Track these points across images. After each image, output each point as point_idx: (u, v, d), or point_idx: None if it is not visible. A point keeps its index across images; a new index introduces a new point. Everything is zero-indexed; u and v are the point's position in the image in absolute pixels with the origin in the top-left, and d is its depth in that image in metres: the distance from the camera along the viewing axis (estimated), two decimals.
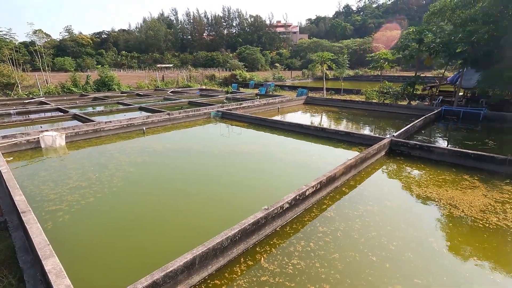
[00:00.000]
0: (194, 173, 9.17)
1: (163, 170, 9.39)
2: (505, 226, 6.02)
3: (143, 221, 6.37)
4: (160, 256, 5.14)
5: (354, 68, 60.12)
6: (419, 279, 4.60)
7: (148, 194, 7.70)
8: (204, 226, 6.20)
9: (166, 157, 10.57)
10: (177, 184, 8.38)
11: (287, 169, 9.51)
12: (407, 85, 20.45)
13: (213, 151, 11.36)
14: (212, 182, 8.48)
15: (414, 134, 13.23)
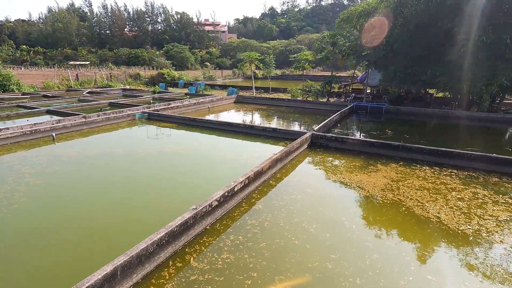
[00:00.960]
0: (117, 179, 8.51)
1: (79, 179, 8.45)
2: (398, 200, 7.27)
3: (54, 238, 5.66)
4: (77, 272, 4.66)
5: (281, 68, 63.53)
6: (334, 254, 5.24)
7: (60, 207, 6.85)
8: (129, 234, 5.85)
9: (82, 165, 9.53)
10: (96, 193, 7.66)
11: (217, 167, 9.60)
12: (325, 84, 22.69)
13: (140, 154, 10.71)
14: (139, 186, 8.01)
15: (332, 128, 14.79)
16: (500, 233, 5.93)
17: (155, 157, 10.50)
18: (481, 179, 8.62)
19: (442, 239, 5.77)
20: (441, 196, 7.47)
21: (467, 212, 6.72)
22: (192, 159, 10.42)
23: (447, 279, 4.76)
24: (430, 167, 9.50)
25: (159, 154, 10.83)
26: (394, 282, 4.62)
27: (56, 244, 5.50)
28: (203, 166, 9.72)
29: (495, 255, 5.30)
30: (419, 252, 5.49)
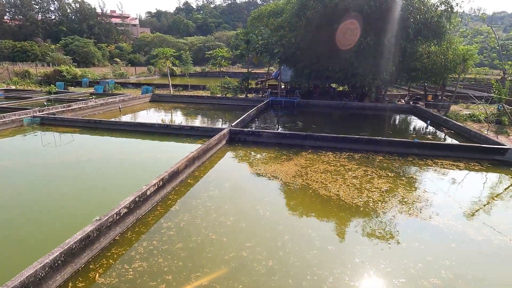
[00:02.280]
0: (6, 200, 7.06)
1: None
2: (306, 184, 8.07)
3: None
4: None
5: (200, 65, 62.41)
6: (249, 242, 5.50)
7: None
8: (17, 258, 4.94)
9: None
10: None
11: (129, 172, 8.92)
12: (242, 81, 23.35)
13: (34, 166, 9.10)
14: (33, 203, 6.81)
15: (249, 123, 15.36)
16: (382, 201, 7.20)
17: (54, 168, 9.08)
18: (370, 159, 10.26)
19: (340, 213, 6.68)
20: (340, 177, 8.60)
21: (359, 187, 7.92)
22: (100, 165, 9.39)
23: (344, 246, 5.54)
24: (333, 152, 10.81)
25: (60, 164, 9.43)
26: (301, 257, 5.14)
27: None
28: (113, 173, 8.89)
29: (381, 220, 6.42)
30: (322, 227, 6.23)
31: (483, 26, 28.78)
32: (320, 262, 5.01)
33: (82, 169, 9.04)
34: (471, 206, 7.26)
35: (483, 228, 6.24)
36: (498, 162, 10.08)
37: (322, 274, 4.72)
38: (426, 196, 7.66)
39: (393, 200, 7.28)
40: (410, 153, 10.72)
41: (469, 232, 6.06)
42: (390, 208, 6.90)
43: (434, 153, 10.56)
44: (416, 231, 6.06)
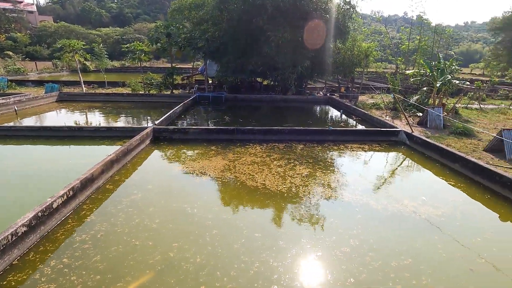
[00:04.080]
0: None
1: None
2: (234, 177, 8.25)
3: None
4: None
5: (119, 59, 56.96)
6: (177, 242, 5.37)
7: None
8: None
9: None
10: None
11: (31, 184, 7.69)
12: (166, 76, 22.25)
13: None
14: None
15: (176, 120, 14.80)
16: (303, 185, 7.86)
17: None
18: (293, 148, 11.04)
19: (266, 200, 7.04)
20: (266, 167, 9.04)
21: (283, 175, 8.47)
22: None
23: (269, 232, 5.87)
24: (259, 144, 11.26)
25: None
26: (229, 248, 5.27)
27: None
28: (11, 187, 7.53)
29: (302, 202, 7.01)
30: (250, 216, 6.49)
31: (382, 27, 33.53)
32: (248, 250, 5.23)
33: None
34: (373, 181, 8.51)
35: (382, 198, 7.39)
36: (393, 142, 12.01)
37: (249, 261, 4.94)
38: (339, 176, 8.66)
39: (312, 184, 8.02)
40: (326, 139, 11.91)
41: (371, 203, 7.10)
42: (310, 191, 7.59)
43: (345, 138, 11.97)
44: (331, 208, 6.83)
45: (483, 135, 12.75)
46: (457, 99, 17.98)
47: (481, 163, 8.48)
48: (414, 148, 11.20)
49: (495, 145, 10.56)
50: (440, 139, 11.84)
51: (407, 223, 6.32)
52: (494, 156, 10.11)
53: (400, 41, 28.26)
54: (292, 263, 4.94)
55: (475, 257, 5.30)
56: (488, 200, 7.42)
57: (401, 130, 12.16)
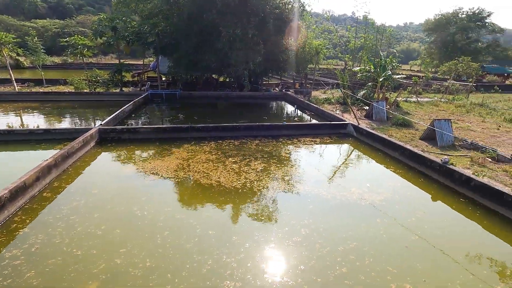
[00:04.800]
0: None
1: None
2: (188, 176, 8.05)
3: None
4: None
5: (59, 55, 51.84)
6: (124, 247, 5.09)
7: None
8: None
9: None
10: None
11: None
12: (114, 73, 20.82)
13: None
14: None
15: (125, 119, 13.96)
16: (258, 180, 7.96)
17: None
18: (248, 144, 11.11)
19: (221, 197, 7.00)
20: (221, 164, 8.98)
21: (238, 171, 8.49)
22: None
23: (223, 229, 5.85)
24: (215, 142, 11.12)
25: None
26: (182, 248, 5.15)
27: None
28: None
29: (256, 197, 7.09)
30: (204, 214, 6.40)
31: (333, 26, 35.19)
32: (201, 248, 5.16)
33: None
34: (324, 172, 8.94)
35: (331, 188, 7.81)
36: (342, 134, 12.75)
37: (202, 259, 4.88)
38: (292, 169, 8.95)
39: (267, 178, 8.16)
40: (281, 134, 12.21)
41: (322, 193, 7.47)
42: (264, 185, 7.72)
43: (299, 133, 12.40)
44: (284, 201, 7.03)
45: (420, 125, 14.14)
46: (398, 93, 19.66)
47: (416, 151, 9.40)
48: (360, 139, 12.01)
49: (429, 134, 11.75)
50: (384, 130, 12.84)
51: (353, 209, 6.77)
52: (428, 143, 11.25)
53: (348, 39, 30.03)
54: (245, 257, 4.99)
55: (410, 235, 5.88)
56: (422, 183, 8.26)
57: (349, 123, 12.95)
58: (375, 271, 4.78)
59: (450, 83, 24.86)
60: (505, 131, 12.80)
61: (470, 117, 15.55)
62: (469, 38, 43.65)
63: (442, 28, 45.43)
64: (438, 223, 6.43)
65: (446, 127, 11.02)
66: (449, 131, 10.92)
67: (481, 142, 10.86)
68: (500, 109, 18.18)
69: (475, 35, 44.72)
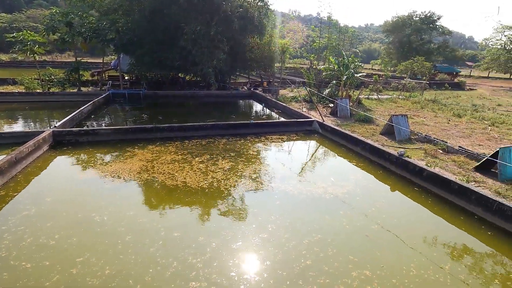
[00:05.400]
0: None
1: None
2: (152, 178, 7.77)
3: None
4: None
5: (7, 52, 47.41)
6: (82, 256, 4.78)
7: None
8: None
9: None
10: None
11: None
12: (70, 72, 19.47)
13: None
14: None
15: (84, 121, 13.13)
16: (225, 179, 7.90)
17: None
18: (216, 143, 10.99)
19: (186, 198, 6.85)
20: (187, 164, 8.78)
21: (205, 171, 8.37)
22: None
23: (189, 230, 5.72)
24: (181, 142, 10.85)
25: None
26: (145, 252, 4.95)
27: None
28: None
29: (223, 195, 7.03)
30: (169, 216, 6.22)
31: (298, 26, 35.92)
32: (165, 251, 5.00)
33: None
34: (291, 168, 9.11)
35: (297, 183, 7.98)
36: (308, 131, 13.09)
37: (166, 262, 4.73)
38: (260, 167, 9.00)
39: (234, 177, 8.13)
40: (248, 133, 12.23)
41: (289, 189, 7.60)
42: (231, 184, 7.68)
43: (266, 130, 12.52)
44: (252, 198, 7.05)
45: (380, 121, 14.94)
46: (360, 91, 20.62)
47: (375, 145, 9.92)
48: (325, 136, 12.42)
49: (388, 129, 12.46)
50: (347, 126, 13.38)
51: (318, 203, 6.98)
52: (388, 138, 11.92)
53: (313, 39, 30.90)
54: (212, 257, 4.93)
55: (371, 224, 6.19)
56: (381, 175, 8.75)
57: (314, 120, 13.33)
58: (337, 261, 4.97)
59: (406, 81, 26.58)
60: (454, 124, 13.96)
61: (424, 113, 16.74)
62: (422, 39, 46.99)
63: (399, 29, 48.41)
64: (395, 211, 6.85)
65: (403, 122, 11.74)
66: (405, 126, 11.66)
67: (434, 135, 11.73)
68: (450, 104, 19.79)
69: (427, 36, 48.23)
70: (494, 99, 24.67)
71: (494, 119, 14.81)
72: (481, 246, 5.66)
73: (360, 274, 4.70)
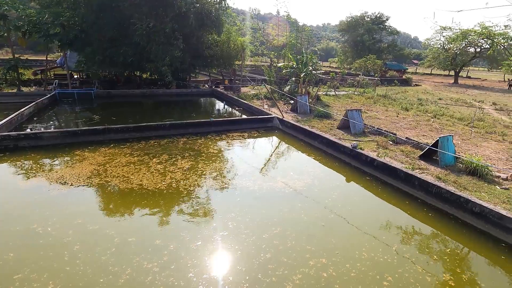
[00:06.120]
0: None
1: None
2: (105, 182, 7.29)
3: None
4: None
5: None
6: (21, 273, 4.33)
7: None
8: None
9: None
10: None
11: None
12: (7, 70, 17.51)
13: None
14: None
15: (24, 124, 11.90)
16: (184, 179, 7.69)
17: None
18: (175, 142, 10.66)
19: (142, 201, 6.54)
20: (144, 166, 8.39)
21: (163, 172, 8.07)
22: None
23: (145, 234, 5.47)
24: (137, 142, 10.34)
25: None
26: (96, 261, 4.63)
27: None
28: None
29: (182, 196, 6.83)
30: (122, 221, 5.89)
31: (257, 24, 36.09)
32: (118, 258, 4.73)
33: None
34: (252, 165, 9.15)
35: (258, 179, 8.04)
36: (269, 128, 13.28)
37: (119, 270, 4.48)
38: (220, 165, 8.91)
39: (194, 176, 7.95)
40: (209, 131, 12.05)
41: (249, 185, 7.63)
42: (191, 183, 7.50)
43: (227, 128, 12.44)
44: (212, 197, 6.95)
45: (338, 116, 15.65)
46: (318, 88, 21.41)
47: (331, 138, 10.37)
48: (285, 131, 12.69)
49: (344, 123, 13.08)
50: (307, 122, 13.80)
51: (278, 198, 7.10)
52: (344, 132, 12.50)
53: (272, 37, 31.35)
54: (169, 260, 4.77)
55: (327, 214, 6.46)
56: (337, 167, 9.17)
57: (274, 116, 13.54)
58: (296, 252, 5.10)
59: (361, 78, 28.18)
60: (402, 117, 15.10)
61: (376, 107, 17.88)
62: (374, 38, 50.08)
63: (353, 29, 51.06)
64: (350, 200, 7.22)
65: (357, 117, 12.40)
66: (359, 120, 12.33)
67: (385, 128, 12.56)
68: (399, 99, 21.38)
69: (378, 36, 51.53)
70: (436, 93, 27.16)
71: (436, 112, 16.29)
72: (423, 227, 6.20)
73: (317, 262, 4.87)
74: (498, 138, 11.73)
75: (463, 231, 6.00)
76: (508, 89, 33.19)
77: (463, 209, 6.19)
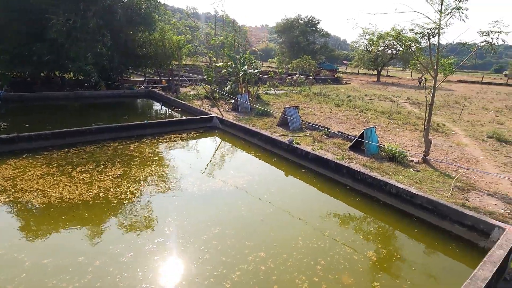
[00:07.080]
0: None
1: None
2: (14, 199, 6.25)
3: None
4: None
5: None
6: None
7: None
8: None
9: None
10: None
11: None
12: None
13: None
14: None
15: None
16: (115, 187, 7.04)
17: None
18: (105, 148, 9.72)
19: (62, 217, 5.77)
20: (66, 176, 7.44)
21: (89, 181, 7.26)
22: None
23: (65, 252, 4.82)
24: (58, 151, 9.13)
25: None
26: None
27: None
28: None
29: (111, 204, 6.22)
30: (36, 242, 5.11)
31: (194, 23, 35.26)
32: (29, 285, 4.06)
33: None
34: (190, 166, 8.85)
35: (197, 180, 7.79)
36: (208, 127, 13.04)
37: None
38: (157, 168, 8.40)
39: (126, 183, 7.33)
40: (144, 134, 11.29)
41: (187, 187, 7.35)
42: (123, 191, 6.90)
43: (164, 130, 11.83)
44: (147, 203, 6.49)
45: (277, 114, 16.16)
46: (258, 87, 21.86)
47: (269, 135, 10.64)
48: (225, 131, 12.62)
49: (283, 120, 13.55)
50: (248, 121, 13.93)
51: (218, 197, 6.98)
52: (284, 128, 12.95)
53: (211, 36, 31.04)
54: (93, 278, 4.29)
55: (266, 208, 6.57)
56: (276, 162, 9.44)
57: (214, 116, 13.36)
58: (235, 249, 5.06)
59: (298, 77, 29.66)
60: (335, 113, 16.31)
61: (312, 104, 18.99)
62: (308, 40, 53.25)
63: (289, 31, 53.52)
64: (287, 193, 7.49)
65: (294, 114, 12.95)
66: (297, 117, 12.90)
67: (320, 123, 13.39)
68: (332, 96, 23.09)
69: (312, 38, 54.97)
70: (363, 90, 30.09)
71: (362, 107, 18.00)
72: (351, 210, 6.75)
73: (256, 257, 4.90)
74: (412, 127, 13.49)
75: (383, 211, 6.70)
76: (419, 86, 38.53)
77: (383, 191, 6.92)
